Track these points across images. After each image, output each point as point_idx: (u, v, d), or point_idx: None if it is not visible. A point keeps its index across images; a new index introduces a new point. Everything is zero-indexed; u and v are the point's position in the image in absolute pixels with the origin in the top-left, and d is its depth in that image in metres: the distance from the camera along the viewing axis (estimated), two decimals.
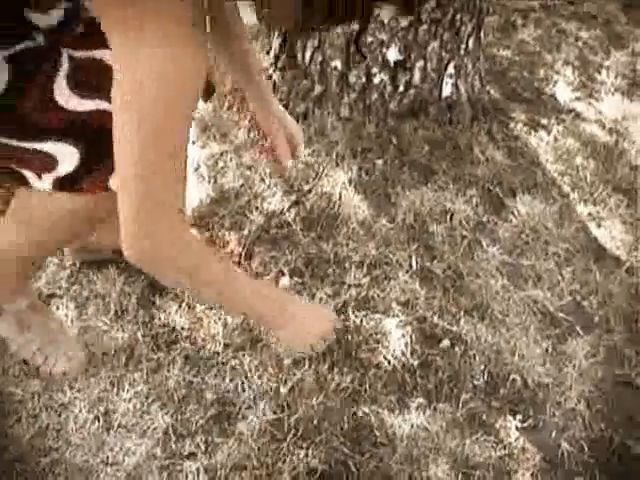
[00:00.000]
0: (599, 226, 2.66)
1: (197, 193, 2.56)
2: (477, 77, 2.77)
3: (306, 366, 2.16)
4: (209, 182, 2.58)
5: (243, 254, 2.38)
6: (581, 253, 2.53)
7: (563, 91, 3.29)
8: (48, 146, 1.41)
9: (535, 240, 2.53)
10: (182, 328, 2.22)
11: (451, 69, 2.68)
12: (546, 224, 2.59)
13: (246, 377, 2.13)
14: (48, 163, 1.43)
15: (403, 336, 2.24)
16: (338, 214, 2.49)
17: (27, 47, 1.32)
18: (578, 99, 3.26)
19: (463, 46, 2.64)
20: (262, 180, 2.58)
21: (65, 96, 1.38)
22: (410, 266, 2.38)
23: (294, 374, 2.14)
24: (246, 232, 2.43)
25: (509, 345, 2.26)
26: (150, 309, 2.27)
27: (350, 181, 2.59)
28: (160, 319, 2.25)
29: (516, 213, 2.59)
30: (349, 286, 2.34)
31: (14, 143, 1.40)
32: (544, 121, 3.04)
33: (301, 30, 1.18)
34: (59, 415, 2.04)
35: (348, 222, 2.48)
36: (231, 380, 2.12)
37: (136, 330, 2.20)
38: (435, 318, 2.29)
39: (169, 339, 2.21)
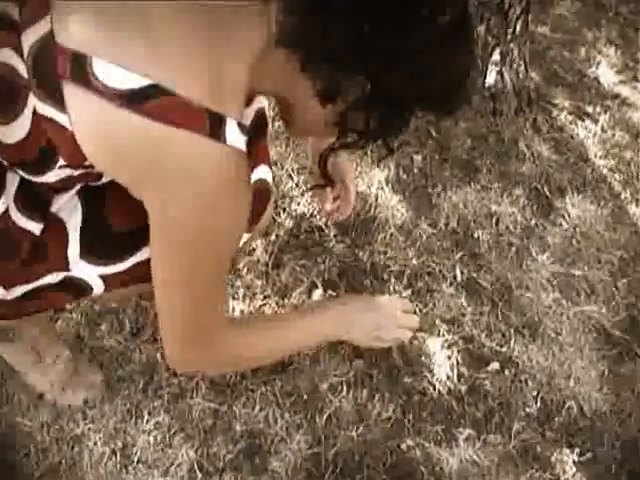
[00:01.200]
0: None
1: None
2: (522, 63, 2.55)
3: (344, 392, 1.98)
4: None
5: (270, 263, 2.18)
6: (636, 261, 2.34)
7: (606, 73, 3.07)
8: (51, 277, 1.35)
9: (587, 247, 2.35)
10: None
11: (496, 55, 2.46)
12: (598, 228, 2.40)
13: (278, 405, 1.96)
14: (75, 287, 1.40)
15: (449, 358, 2.06)
16: (375, 217, 2.30)
17: None
18: (623, 82, 3.05)
19: (510, 30, 2.41)
20: (290, 177, 2.38)
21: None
22: (455, 277, 2.20)
23: (330, 401, 1.97)
24: (273, 237, 2.24)
25: (563, 368, 2.09)
26: None
27: (387, 180, 2.39)
28: None
29: (566, 216, 2.40)
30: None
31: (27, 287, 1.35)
32: (589, 109, 2.83)
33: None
34: (72, 449, 1.87)
35: (386, 226, 2.28)
36: (261, 409, 1.94)
37: (154, 351, 2.01)
38: (483, 337, 2.11)
39: None
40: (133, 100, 1.02)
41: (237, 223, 1.21)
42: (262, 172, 1.52)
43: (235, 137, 1.09)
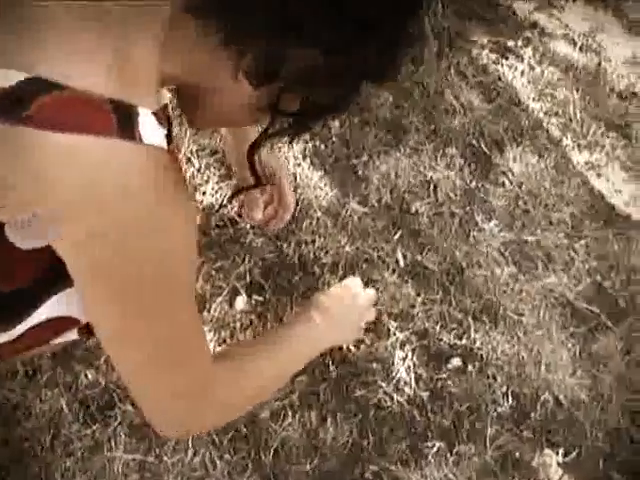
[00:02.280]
0: (599, 176, 2.30)
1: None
2: (438, 1, 2.25)
3: (289, 418, 1.70)
4: None
5: None
6: (589, 217, 2.13)
7: (520, 2, 2.81)
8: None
9: (535, 206, 2.13)
10: (117, 386, 1.69)
11: None
12: (544, 184, 2.18)
13: (214, 445, 1.67)
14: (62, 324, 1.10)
15: (403, 360, 1.81)
16: (296, 200, 1.97)
17: None
18: (537, 9, 2.79)
19: None
20: (189, 162, 2.03)
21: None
22: (397, 263, 1.93)
23: (275, 432, 1.68)
24: None
25: (531, 354, 1.88)
26: (70, 363, 1.72)
27: (303, 154, 2.08)
28: (87, 376, 1.71)
29: (508, 173, 2.18)
30: None
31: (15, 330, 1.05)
32: (510, 43, 2.58)
33: None
34: None
35: (310, 210, 1.98)
36: (195, 453, 1.65)
37: (57, 396, 1.67)
38: (438, 329, 1.86)
39: (103, 403, 1.69)
40: (12, 104, 0.76)
41: (187, 239, 0.92)
42: None
43: (152, 132, 0.85)
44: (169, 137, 0.93)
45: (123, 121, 0.81)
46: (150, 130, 0.84)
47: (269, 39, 0.85)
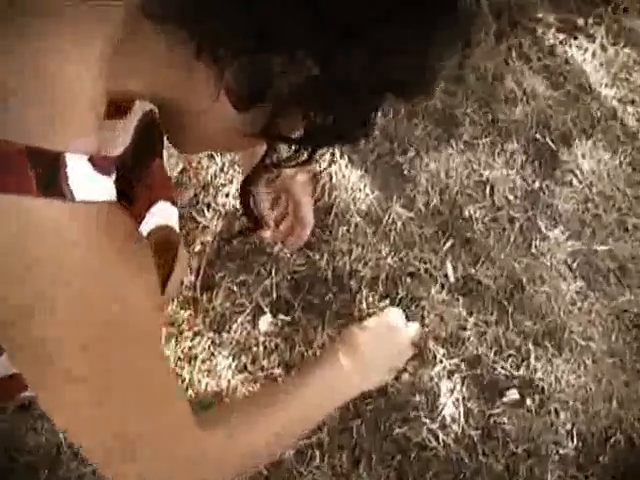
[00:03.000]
0: None
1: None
2: None
3: (316, 460, 1.48)
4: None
5: (198, 285, 1.63)
6: None
7: None
8: None
9: (608, 210, 1.86)
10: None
11: None
12: (617, 184, 1.91)
13: None
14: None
15: (451, 392, 1.58)
16: (330, 205, 1.76)
17: None
18: None
19: None
20: (212, 159, 1.81)
21: None
22: (446, 277, 1.69)
23: (300, 475, 1.47)
24: (197, 247, 1.68)
25: (601, 386, 1.64)
26: None
27: (341, 149, 1.84)
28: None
29: (576, 171, 1.91)
30: (361, 319, 1.62)
31: None
32: (580, 21, 2.28)
33: None
34: None
35: (346, 215, 1.75)
36: None
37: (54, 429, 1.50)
38: (492, 356, 1.62)
39: None
40: None
41: (139, 302, 0.75)
42: (159, 214, 0.99)
43: (88, 183, 0.67)
44: (125, 182, 0.79)
45: (43, 175, 0.63)
46: (84, 181, 0.66)
47: (248, 50, 0.67)
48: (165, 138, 0.90)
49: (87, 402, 0.76)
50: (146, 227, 1.02)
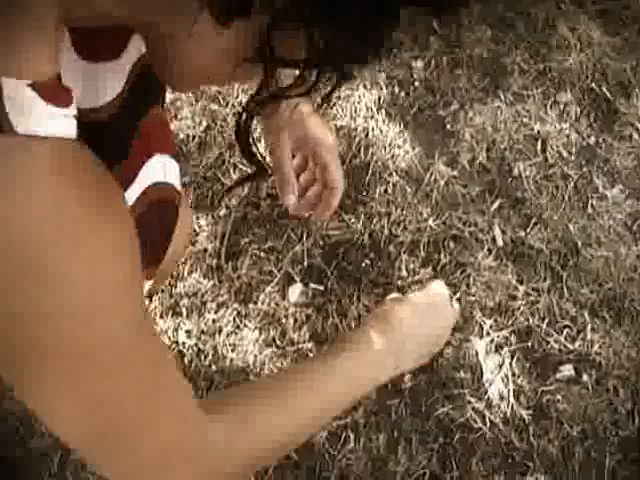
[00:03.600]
0: None
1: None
2: None
3: (351, 442, 1.32)
4: None
5: (223, 252, 1.47)
6: None
7: None
8: None
9: None
10: None
11: None
12: None
13: (256, 475, 1.29)
14: None
15: (499, 367, 1.40)
16: (367, 163, 1.57)
17: None
18: None
19: None
20: (237, 115, 1.63)
21: None
22: (494, 241, 1.50)
23: (333, 460, 1.31)
24: (223, 211, 1.52)
25: None
26: None
27: (378, 103, 1.65)
28: None
29: (637, 124, 1.70)
30: (401, 287, 1.46)
31: None
32: None
33: None
34: None
35: (385, 174, 1.57)
36: None
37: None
38: (544, 327, 1.44)
39: None
40: None
41: (108, 268, 0.61)
42: (156, 169, 0.84)
43: (34, 114, 0.53)
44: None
45: None
46: (30, 111, 0.52)
47: None
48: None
49: (56, 385, 0.64)
50: (141, 184, 0.86)
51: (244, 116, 0.67)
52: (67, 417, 0.67)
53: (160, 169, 0.89)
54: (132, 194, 0.83)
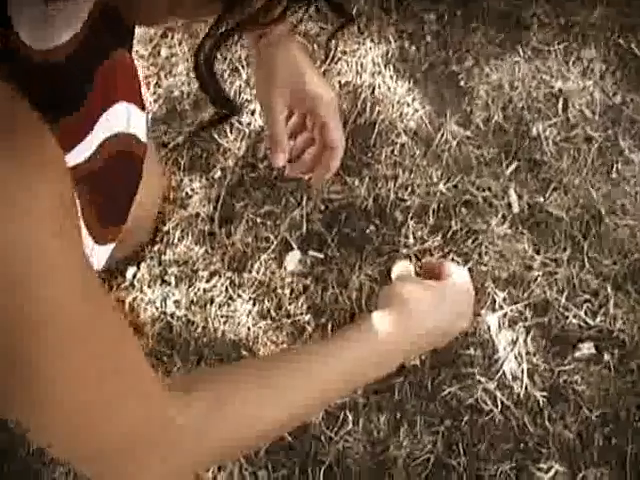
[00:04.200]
0: None
1: None
2: None
3: (349, 423, 1.19)
4: (148, 87, 1.48)
5: (217, 217, 1.33)
6: None
7: None
8: None
9: None
10: None
11: None
12: None
13: (247, 457, 1.16)
14: None
15: (513, 344, 1.25)
16: (373, 122, 1.42)
17: None
18: None
19: None
20: (235, 72, 1.48)
21: None
22: (509, 206, 1.34)
23: (330, 442, 1.17)
24: (217, 174, 1.37)
25: None
26: None
27: (386, 58, 1.49)
28: None
29: None
30: (407, 257, 1.31)
31: None
32: None
33: None
34: None
35: (392, 134, 1.41)
36: (220, 469, 1.15)
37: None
38: (563, 301, 1.28)
39: None
40: None
41: (45, 240, 0.50)
42: (119, 119, 0.71)
43: None
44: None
45: None
46: None
47: None
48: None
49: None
50: (100, 133, 0.72)
51: (205, 50, 0.53)
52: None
53: (123, 118, 0.75)
54: (89, 144, 0.70)
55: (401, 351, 0.91)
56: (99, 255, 0.76)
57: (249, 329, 1.29)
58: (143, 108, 0.79)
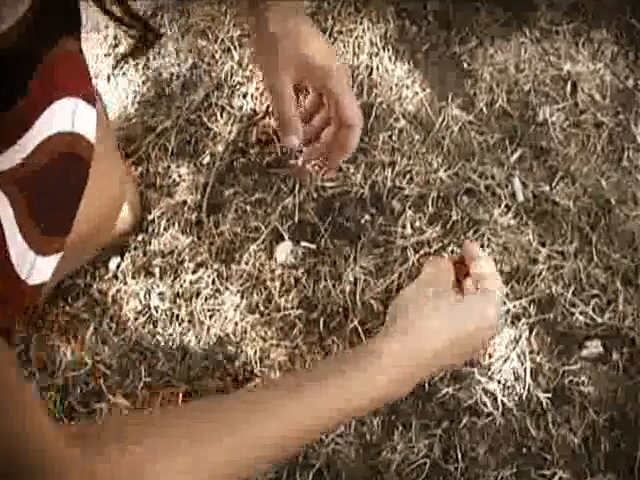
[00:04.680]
0: None
1: (117, 92, 1.38)
2: None
3: (340, 426, 1.09)
4: (135, 68, 1.39)
5: (204, 205, 1.24)
6: None
7: None
8: None
9: None
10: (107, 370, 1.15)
11: None
12: None
13: None
14: None
15: (515, 342, 1.16)
16: (371, 104, 1.32)
17: None
18: None
19: None
20: (227, 52, 1.39)
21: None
22: (513, 196, 1.25)
23: (319, 445, 1.09)
24: (206, 160, 1.28)
25: None
26: (46, 334, 1.19)
27: (385, 38, 1.39)
28: (66, 354, 1.17)
29: None
30: (404, 248, 1.22)
31: None
32: None
33: None
34: None
35: (389, 118, 1.32)
36: None
37: (28, 377, 1.11)
38: (569, 296, 1.19)
39: (87, 390, 1.16)
40: None
41: None
42: (63, 116, 0.61)
43: None
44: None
45: None
46: None
47: None
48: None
49: None
50: (41, 131, 0.62)
51: None
52: None
53: (67, 116, 0.65)
54: (28, 142, 0.61)
55: (407, 381, 0.82)
56: (42, 267, 0.66)
57: (236, 324, 1.20)
58: (92, 103, 0.69)
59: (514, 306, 1.19)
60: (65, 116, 0.64)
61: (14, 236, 0.58)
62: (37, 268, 0.64)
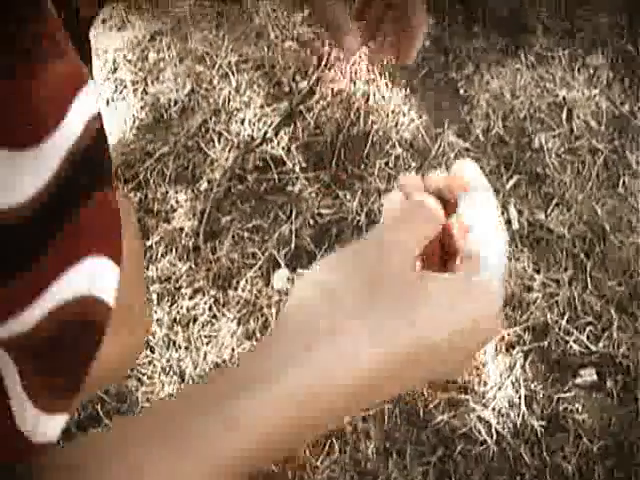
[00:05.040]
0: None
1: (115, 117, 1.38)
2: None
3: (335, 452, 1.09)
4: (134, 93, 1.39)
5: (202, 231, 1.24)
6: None
7: None
8: None
9: None
10: (105, 394, 1.14)
11: None
12: None
13: None
14: None
15: (510, 369, 1.15)
16: (367, 132, 1.32)
17: None
18: None
19: None
20: (225, 78, 1.38)
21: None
22: (509, 222, 1.24)
23: (315, 472, 1.08)
24: (204, 186, 1.28)
25: None
26: None
27: (382, 64, 1.38)
28: None
29: None
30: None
31: None
32: None
33: None
34: None
35: (386, 145, 1.31)
36: None
37: None
38: (563, 324, 1.18)
39: (84, 415, 1.15)
40: None
41: None
42: (79, 280, 0.53)
43: None
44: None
45: None
46: None
47: None
48: None
49: None
50: (55, 296, 0.55)
51: None
52: None
53: (85, 279, 0.57)
54: (31, 315, 0.54)
55: (382, 392, 0.77)
56: (48, 426, 0.58)
57: (233, 350, 1.20)
58: (118, 262, 0.59)
59: (509, 334, 1.19)
60: (83, 280, 0.53)
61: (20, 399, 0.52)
62: (40, 427, 0.57)
